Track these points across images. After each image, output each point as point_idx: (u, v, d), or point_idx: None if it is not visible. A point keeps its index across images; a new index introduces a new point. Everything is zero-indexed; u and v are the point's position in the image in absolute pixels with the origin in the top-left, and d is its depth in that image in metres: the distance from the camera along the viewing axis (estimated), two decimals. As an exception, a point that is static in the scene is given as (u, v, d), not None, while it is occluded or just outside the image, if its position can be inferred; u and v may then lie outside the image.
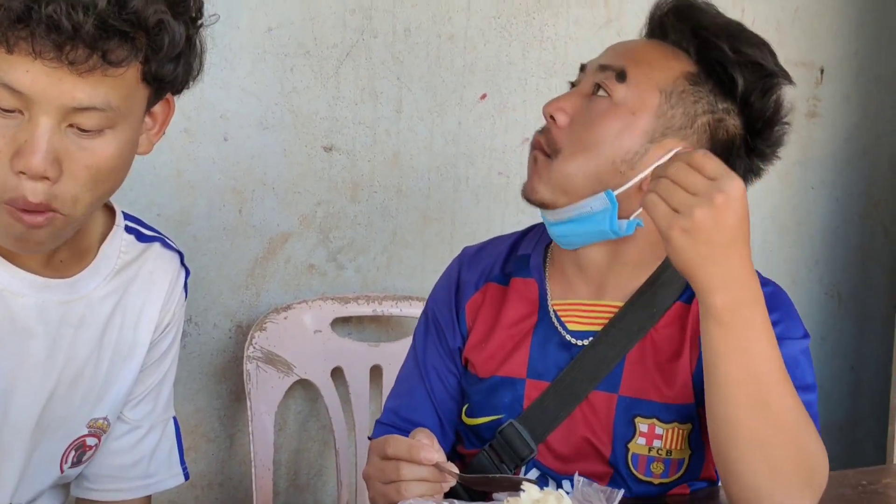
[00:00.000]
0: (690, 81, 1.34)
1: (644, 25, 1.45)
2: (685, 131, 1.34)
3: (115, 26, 1.06)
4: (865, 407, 2.91)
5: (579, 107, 1.34)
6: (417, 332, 1.54)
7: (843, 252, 2.87)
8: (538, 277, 1.45)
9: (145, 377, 1.40)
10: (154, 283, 1.38)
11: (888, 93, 2.84)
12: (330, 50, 2.07)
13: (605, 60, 1.37)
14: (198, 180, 1.99)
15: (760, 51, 1.35)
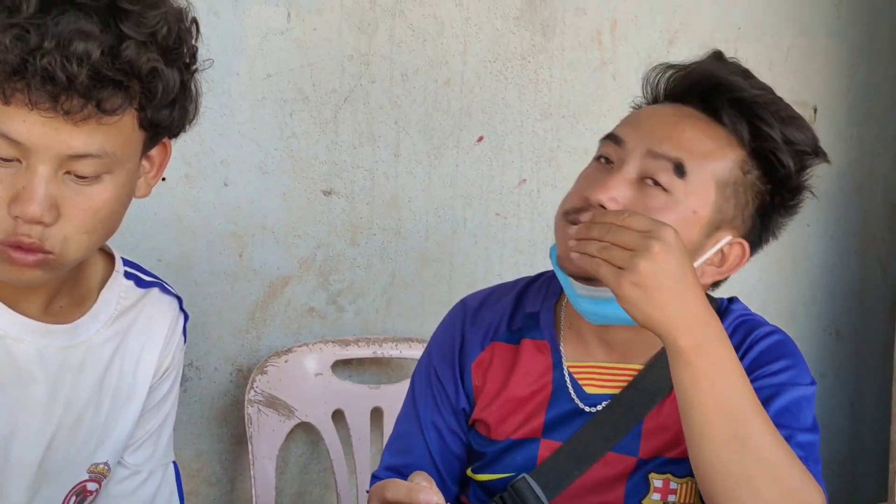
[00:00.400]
0: (743, 170, 1.33)
1: (670, 82, 1.41)
2: (736, 221, 1.34)
3: (108, 76, 1.07)
4: (866, 442, 2.91)
5: (630, 196, 1.29)
6: (416, 385, 1.50)
7: (841, 289, 2.88)
8: (551, 339, 1.42)
9: (145, 422, 1.41)
10: (153, 327, 1.39)
11: (881, 130, 2.87)
12: (328, 95, 2.10)
13: (658, 147, 1.30)
14: (198, 225, 2.01)
15: (806, 134, 1.36)
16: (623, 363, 1.38)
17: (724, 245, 1.33)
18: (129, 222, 1.92)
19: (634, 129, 1.34)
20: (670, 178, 1.28)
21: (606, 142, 1.35)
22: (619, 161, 1.32)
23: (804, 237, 2.78)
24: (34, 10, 1.06)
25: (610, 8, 2.40)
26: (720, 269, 1.35)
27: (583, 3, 2.36)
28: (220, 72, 1.99)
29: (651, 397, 1.35)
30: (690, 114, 1.35)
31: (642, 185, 1.29)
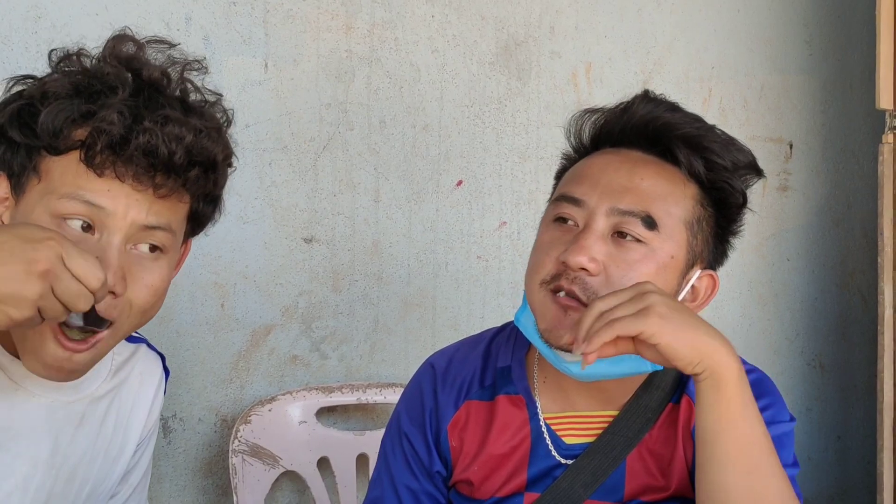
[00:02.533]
0: (702, 205, 1.34)
1: (605, 129, 1.40)
2: (705, 253, 1.35)
3: (196, 159, 1.18)
4: (854, 476, 2.91)
5: (608, 253, 1.27)
6: (388, 449, 1.48)
7: (823, 322, 2.90)
8: (525, 392, 1.41)
9: (129, 477, 1.45)
10: (144, 383, 1.43)
11: (856, 163, 2.90)
12: (307, 144, 2.11)
13: (621, 204, 1.29)
14: (179, 276, 1.99)
15: (746, 156, 1.37)
16: (601, 410, 1.38)
17: (694, 281, 1.35)
18: (110, 275, 1.93)
19: (591, 186, 1.31)
20: (643, 232, 1.28)
21: (563, 203, 1.33)
22: (584, 221, 1.30)
23: (785, 272, 2.80)
24: (129, 93, 1.16)
25: (584, 51, 2.43)
26: (694, 304, 1.37)
27: (557, 47, 2.39)
28: (198, 123, 2.00)
29: (628, 441, 1.34)
30: (640, 159, 1.34)
31: (616, 241, 1.28)
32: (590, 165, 1.36)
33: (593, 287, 1.26)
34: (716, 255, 1.39)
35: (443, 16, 2.26)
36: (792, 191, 2.80)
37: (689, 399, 1.36)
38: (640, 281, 1.24)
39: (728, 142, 1.35)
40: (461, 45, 2.28)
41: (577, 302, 1.27)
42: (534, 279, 1.31)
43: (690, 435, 1.33)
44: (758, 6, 2.71)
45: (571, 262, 1.26)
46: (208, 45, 2.00)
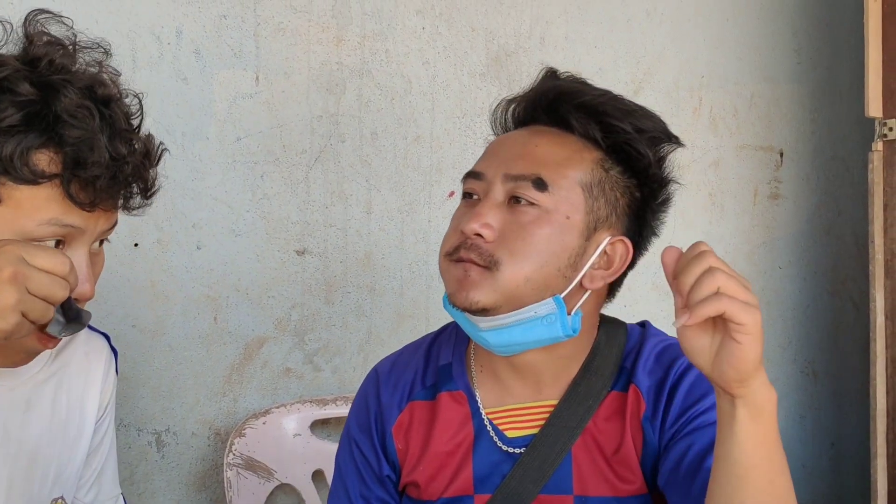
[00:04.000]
0: (605, 168, 1.34)
1: (517, 111, 1.43)
2: (611, 219, 1.34)
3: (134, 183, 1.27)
4: (849, 482, 2.91)
5: (502, 219, 1.30)
6: (340, 462, 1.49)
7: (816, 329, 2.90)
8: (465, 388, 1.42)
9: (91, 460, 1.48)
10: (91, 363, 1.46)
11: (846, 171, 2.91)
12: (299, 156, 2.11)
13: (513, 170, 1.32)
14: (172, 290, 2.01)
15: (654, 122, 1.37)
16: (539, 401, 1.38)
17: (605, 246, 1.33)
18: (102, 289, 1.93)
19: (490, 160, 1.35)
20: (534, 194, 1.30)
21: (468, 179, 1.37)
22: (484, 192, 1.33)
23: (777, 280, 2.81)
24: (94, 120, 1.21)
25: (574, 61, 2.44)
26: (608, 270, 1.35)
27: (547, 58, 2.40)
28: (190, 136, 2.00)
29: (571, 431, 1.34)
30: (539, 131, 1.37)
31: (511, 206, 1.31)
32: (494, 143, 1.41)
33: (489, 250, 1.29)
34: (635, 226, 1.38)
35: (433, 28, 2.26)
36: (783, 199, 2.81)
37: (637, 389, 1.35)
38: (536, 242, 1.28)
39: (632, 110, 1.36)
40: (452, 57, 2.28)
41: (476, 266, 1.29)
42: (441, 252, 1.35)
43: (640, 425, 1.32)
44: (746, 16, 2.73)
45: (466, 230, 1.29)
46: (199, 58, 2.01)
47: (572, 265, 1.31)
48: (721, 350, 1.08)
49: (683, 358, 1.37)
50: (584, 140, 1.35)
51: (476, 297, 1.28)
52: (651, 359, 1.38)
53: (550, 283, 1.29)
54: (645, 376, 1.36)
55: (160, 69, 1.98)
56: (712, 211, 2.69)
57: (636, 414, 1.34)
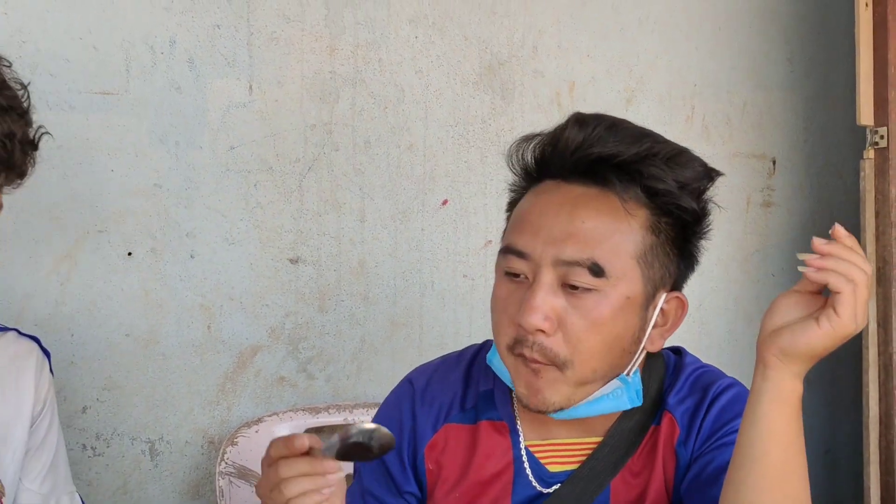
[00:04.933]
0: (654, 231, 1.28)
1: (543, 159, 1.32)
2: (666, 277, 1.30)
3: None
4: (843, 490, 2.92)
5: (560, 306, 1.24)
6: (365, 470, 1.44)
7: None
8: (508, 419, 1.38)
9: (40, 454, 1.54)
10: (20, 363, 1.52)
11: (839, 179, 2.91)
12: (292, 165, 2.12)
13: (565, 254, 1.24)
14: (165, 298, 2.01)
15: (694, 168, 1.30)
16: (584, 437, 1.36)
17: (661, 305, 1.30)
18: (96, 298, 1.93)
19: (533, 234, 1.26)
20: (593, 281, 1.23)
21: (510, 256, 1.28)
22: (531, 273, 1.26)
23: (770, 288, 2.81)
24: None
25: (567, 70, 2.45)
26: (665, 328, 1.32)
27: (540, 66, 2.40)
28: (183, 145, 2.01)
29: (613, 467, 1.33)
30: (580, 196, 1.27)
31: (566, 291, 1.24)
32: (531, 209, 1.30)
33: (553, 349, 1.24)
34: (680, 275, 1.34)
35: (426, 36, 2.27)
36: (776, 206, 2.81)
37: (671, 416, 1.34)
38: (600, 333, 1.24)
39: (670, 158, 1.27)
40: (445, 66, 2.29)
41: (543, 365, 1.25)
42: (500, 342, 1.29)
43: (674, 451, 1.32)
44: (739, 24, 2.73)
45: (526, 325, 1.23)
46: (193, 67, 2.01)
47: (635, 340, 1.28)
48: (804, 321, 1.14)
49: (720, 382, 1.36)
50: (630, 202, 1.26)
51: (552, 399, 1.26)
52: (686, 387, 1.36)
53: (617, 364, 1.28)
54: (678, 403, 1.35)
55: (153, 78, 1.98)
56: (705, 219, 2.69)
57: (669, 441, 1.33)
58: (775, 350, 1.13)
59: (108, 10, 1.95)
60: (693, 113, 2.65)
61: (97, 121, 1.94)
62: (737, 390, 1.36)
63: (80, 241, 1.94)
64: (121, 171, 1.96)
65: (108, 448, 1.98)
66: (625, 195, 1.26)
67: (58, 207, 1.92)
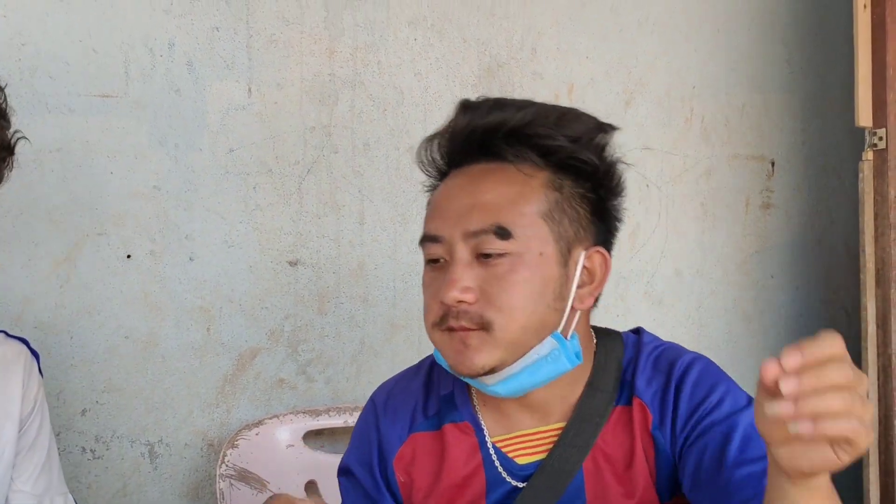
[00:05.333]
0: (555, 188, 1.31)
1: (445, 152, 1.37)
2: (580, 233, 1.32)
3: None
4: (842, 491, 2.91)
5: (477, 276, 1.27)
6: (342, 488, 1.47)
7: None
8: (470, 418, 1.39)
9: (32, 455, 1.55)
10: (9, 364, 1.53)
11: (837, 180, 2.92)
12: (292, 167, 2.12)
13: (471, 226, 1.28)
14: (164, 301, 2.01)
15: (584, 122, 1.33)
16: (547, 425, 1.36)
17: (583, 262, 1.31)
18: (95, 300, 1.93)
19: (441, 220, 1.31)
20: (501, 244, 1.27)
21: (426, 244, 1.33)
22: (448, 253, 1.30)
23: (769, 290, 2.81)
24: None
25: (566, 72, 2.45)
26: (593, 284, 1.34)
27: (539, 69, 2.41)
28: (183, 148, 2.01)
29: (581, 450, 1.33)
30: (480, 173, 1.32)
31: (481, 261, 1.28)
32: (438, 196, 1.36)
33: (478, 312, 1.26)
34: (603, 226, 1.36)
35: (425, 39, 2.27)
36: (774, 208, 2.82)
37: (640, 401, 1.34)
38: (519, 290, 1.25)
39: (559, 118, 1.31)
40: (444, 68, 2.29)
41: (471, 331, 1.27)
42: (427, 323, 1.32)
43: (650, 435, 1.32)
44: (737, 26, 2.74)
45: (448, 300, 1.26)
46: (192, 70, 2.01)
47: (559, 296, 1.29)
48: (808, 448, 0.98)
49: (682, 359, 1.36)
50: (526, 167, 1.31)
51: (480, 362, 1.26)
52: (648, 367, 1.37)
53: (545, 321, 1.28)
54: (645, 386, 1.36)
55: (153, 81, 1.98)
56: (704, 220, 2.70)
57: (644, 426, 1.33)
58: (799, 472, 1.02)
59: (108, 13, 1.95)
60: (692, 114, 2.65)
61: (96, 123, 1.94)
62: (702, 364, 1.35)
63: (80, 244, 1.94)
64: (120, 174, 1.96)
65: (108, 451, 1.98)
66: (520, 161, 1.31)
67: (57, 210, 1.92)
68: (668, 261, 2.63)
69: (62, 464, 1.74)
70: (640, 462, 1.33)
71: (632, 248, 2.57)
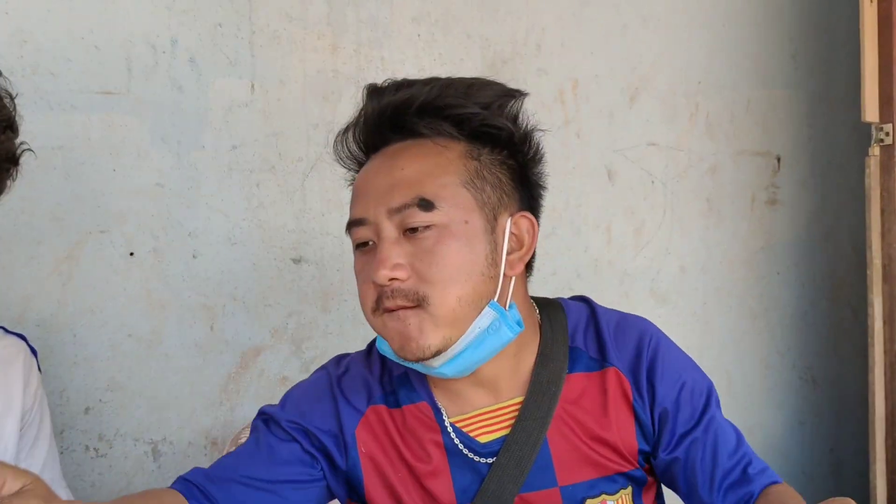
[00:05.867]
0: (473, 156, 1.32)
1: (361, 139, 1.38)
2: (503, 199, 1.32)
3: None
4: (848, 489, 2.91)
5: (407, 253, 1.27)
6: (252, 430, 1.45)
7: (814, 335, 2.90)
8: (429, 399, 1.38)
9: (34, 451, 1.55)
10: (10, 358, 1.52)
11: (843, 176, 2.91)
12: (295, 164, 2.11)
13: (393, 202, 1.28)
14: (168, 299, 2.00)
15: (493, 88, 1.34)
16: (504, 401, 1.36)
17: (510, 228, 1.32)
18: (98, 299, 1.93)
19: (364, 202, 1.32)
20: (426, 216, 1.27)
21: (353, 229, 1.33)
22: (375, 235, 1.29)
23: (775, 286, 2.80)
24: None
25: (571, 68, 2.44)
26: (522, 250, 1.34)
27: (544, 65, 2.40)
28: (185, 145, 2.00)
29: (542, 422, 1.33)
30: (396, 151, 1.33)
31: (408, 237, 1.27)
32: (359, 180, 1.36)
33: (410, 287, 1.26)
34: (526, 192, 1.37)
35: (429, 34, 2.26)
36: (780, 204, 2.81)
37: (617, 371, 1.36)
38: (450, 261, 1.25)
39: (468, 88, 1.32)
40: (447, 64, 2.28)
41: (408, 310, 1.27)
42: (365, 310, 1.32)
43: (631, 406, 1.34)
44: (742, 22, 2.73)
45: (380, 280, 1.26)
46: (195, 67, 2.01)
47: (491, 263, 1.29)
48: None
49: (648, 335, 1.38)
50: (442, 140, 1.32)
51: (426, 343, 1.26)
52: (612, 336, 1.38)
53: (479, 290, 1.27)
54: (617, 355, 1.37)
55: (155, 78, 1.98)
56: (710, 217, 2.69)
57: (624, 395, 1.35)
58: None
59: (110, 10, 1.94)
60: (697, 110, 2.64)
61: (99, 121, 1.93)
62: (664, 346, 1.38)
63: (82, 242, 1.93)
64: (122, 171, 1.96)
65: (111, 449, 1.97)
66: (435, 133, 1.31)
67: (59, 208, 1.91)
68: (672, 257, 2.62)
69: (65, 462, 1.74)
70: (614, 427, 1.34)
71: (636, 244, 2.56)
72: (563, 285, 2.43)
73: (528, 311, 1.38)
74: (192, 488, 1.36)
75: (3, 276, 1.87)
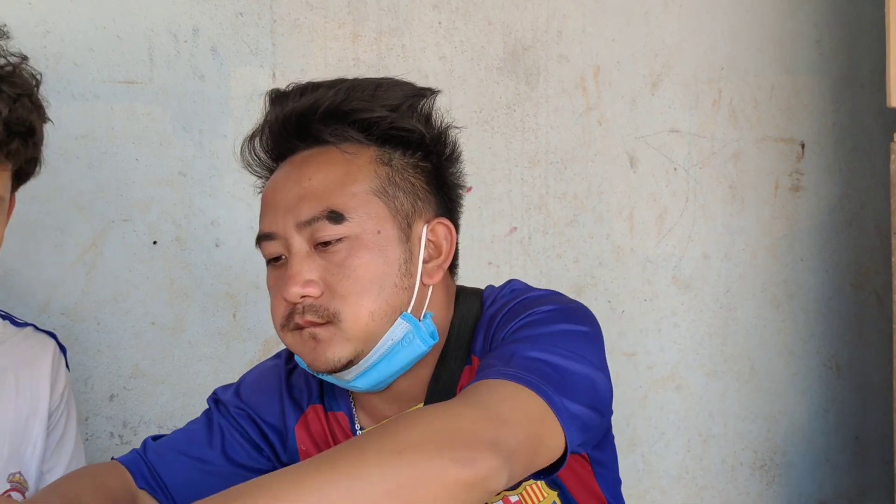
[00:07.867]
0: (384, 162, 1.28)
1: (268, 147, 1.35)
2: (418, 205, 1.29)
3: (15, 130, 1.26)
4: (873, 476, 2.89)
5: (318, 267, 1.24)
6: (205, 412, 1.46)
7: (838, 322, 2.88)
8: (347, 410, 1.38)
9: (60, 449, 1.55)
10: (38, 354, 1.53)
11: (868, 162, 2.88)
12: (316, 152, 2.11)
13: (301, 216, 1.24)
14: (190, 287, 2.01)
15: (402, 89, 1.31)
16: (410, 405, 1.31)
17: (426, 236, 1.28)
18: (122, 287, 1.94)
19: (272, 215, 1.28)
20: (336, 229, 1.23)
21: (262, 243, 1.30)
22: (286, 249, 1.26)
23: (799, 273, 2.78)
24: None
25: (592, 54, 2.43)
26: (440, 258, 1.30)
27: (565, 51, 2.39)
28: (208, 134, 2.01)
29: None
30: (303, 160, 1.29)
31: (319, 251, 1.24)
32: (266, 192, 1.33)
33: (322, 304, 1.23)
34: (443, 195, 1.33)
35: (450, 22, 2.26)
36: (804, 191, 2.79)
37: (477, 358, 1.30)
38: (361, 274, 1.22)
39: (375, 89, 1.29)
40: (468, 51, 2.28)
41: (318, 327, 1.24)
42: (276, 325, 1.30)
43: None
44: (766, 6, 2.71)
45: (291, 297, 1.23)
46: (216, 55, 2.01)
47: (406, 273, 1.26)
48: None
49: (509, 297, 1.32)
50: (350, 146, 1.28)
51: (335, 356, 1.23)
52: (485, 324, 1.32)
53: (393, 303, 1.24)
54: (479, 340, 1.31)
55: (177, 67, 1.98)
56: (733, 203, 2.67)
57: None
58: None
59: (132, 0, 1.95)
60: (720, 96, 2.62)
61: (121, 110, 1.94)
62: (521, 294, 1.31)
63: (105, 231, 1.94)
64: (145, 160, 1.97)
65: (136, 436, 1.99)
66: (341, 140, 1.27)
67: (83, 197, 1.92)
68: (695, 244, 2.61)
69: (90, 449, 1.75)
70: None
71: (659, 231, 2.55)
72: (584, 273, 2.43)
73: (445, 315, 1.33)
74: (140, 465, 1.36)
75: (28, 265, 1.89)
